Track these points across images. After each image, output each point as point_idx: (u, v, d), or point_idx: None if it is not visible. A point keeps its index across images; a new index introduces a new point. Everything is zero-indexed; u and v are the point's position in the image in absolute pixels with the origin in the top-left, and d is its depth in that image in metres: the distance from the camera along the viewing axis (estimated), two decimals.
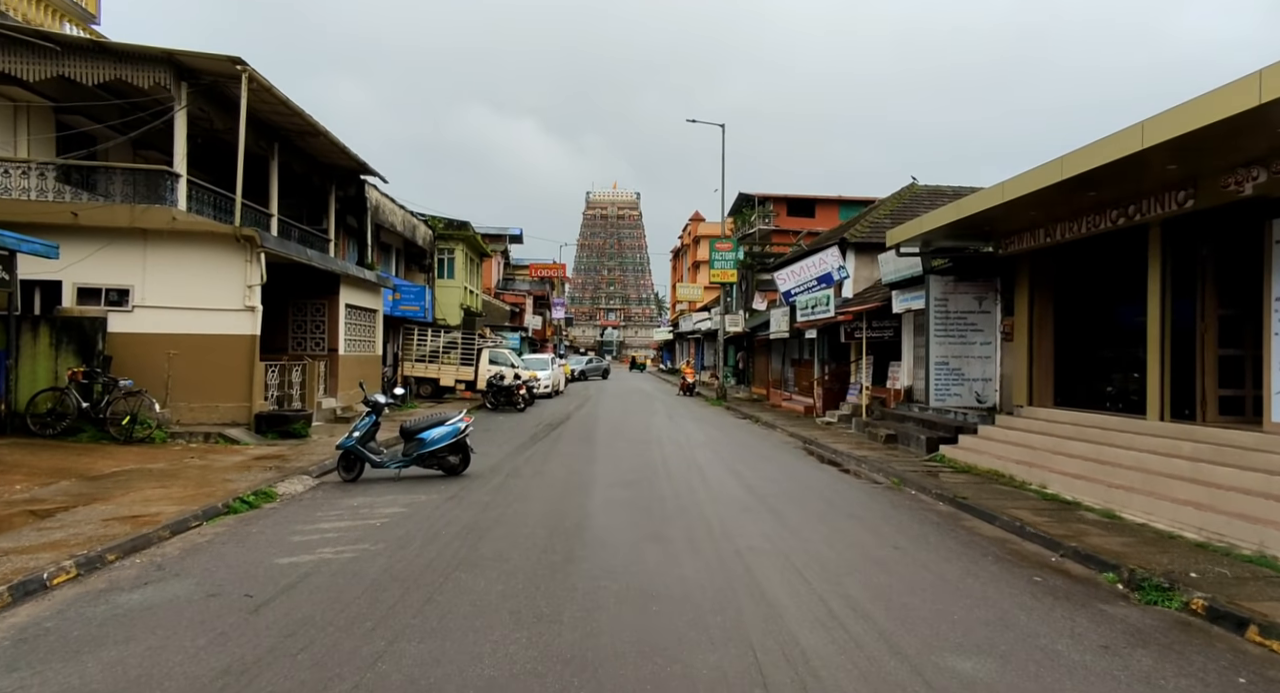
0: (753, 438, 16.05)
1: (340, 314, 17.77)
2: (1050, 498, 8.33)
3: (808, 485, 9.86)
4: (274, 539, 6.45)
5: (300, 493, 8.71)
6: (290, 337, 17.74)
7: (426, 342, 25.64)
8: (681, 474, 10.46)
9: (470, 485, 9.26)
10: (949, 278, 12.53)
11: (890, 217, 22.66)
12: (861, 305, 16.94)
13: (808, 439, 15.22)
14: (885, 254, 15.16)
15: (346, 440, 9.61)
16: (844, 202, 49.29)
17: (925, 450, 12.40)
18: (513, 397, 22.08)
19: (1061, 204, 9.11)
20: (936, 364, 12.44)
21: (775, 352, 27.88)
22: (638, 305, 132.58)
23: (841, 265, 19.97)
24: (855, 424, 16.52)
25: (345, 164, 19.30)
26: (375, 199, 22.16)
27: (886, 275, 15.21)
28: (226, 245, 12.90)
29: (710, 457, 12.49)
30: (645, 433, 16.21)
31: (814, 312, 18.58)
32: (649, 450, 13.13)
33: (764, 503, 8.46)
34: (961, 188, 24.59)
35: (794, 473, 10.99)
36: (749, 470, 11.00)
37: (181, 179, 12.84)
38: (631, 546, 6.37)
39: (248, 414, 13.02)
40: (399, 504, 8.05)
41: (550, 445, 13.60)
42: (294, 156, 17.71)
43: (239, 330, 13.11)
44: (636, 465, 11.23)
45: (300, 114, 14.95)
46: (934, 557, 6.23)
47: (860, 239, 21.37)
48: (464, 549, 6.16)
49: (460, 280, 29.81)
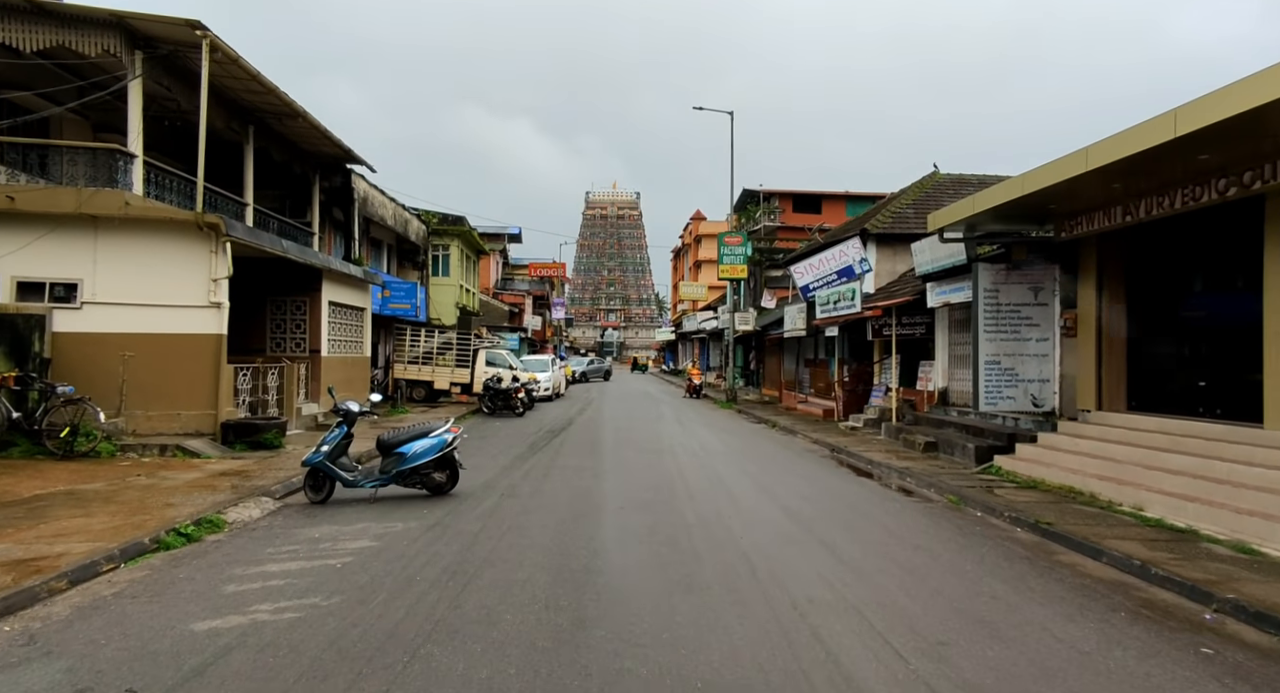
0: (773, 446, 14.65)
1: (323, 312, 16.38)
2: (1155, 524, 6.92)
3: (852, 505, 8.46)
4: (201, 590, 5.05)
5: (255, 520, 7.31)
6: (268, 337, 16.35)
7: (420, 342, 24.25)
8: (704, 492, 9.06)
9: (458, 509, 7.86)
10: (999, 266, 11.14)
11: (912, 206, 21.29)
12: (890, 299, 15.55)
13: (835, 447, 13.81)
14: (920, 243, 13.78)
15: (314, 456, 8.21)
16: (851, 197, 47.93)
17: (975, 461, 11.01)
18: (511, 400, 20.68)
19: (1155, 174, 7.72)
20: (987, 363, 11.04)
21: (788, 351, 26.48)
22: (638, 306, 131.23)
23: (864, 257, 18.59)
24: (886, 430, 15.12)
25: (329, 152, 17.92)
26: (363, 190, 20.78)
27: (921, 266, 13.82)
28: (188, 234, 11.51)
29: (732, 469, 11.09)
30: (655, 440, 14.81)
31: (836, 307, 17.19)
32: (662, 461, 11.73)
33: (809, 531, 7.06)
34: (987, 177, 23.22)
35: (831, 489, 9.59)
36: (780, 486, 9.60)
37: (137, 160, 11.45)
38: (658, 599, 4.97)
39: (213, 423, 11.63)
40: (369, 536, 6.65)
41: (551, 456, 12.20)
42: (272, 142, 16.32)
43: (203, 329, 11.72)
44: (650, 481, 9.83)
45: (274, 91, 13.56)
46: (1048, 612, 4.83)
47: (882, 230, 19.98)
48: (442, 606, 4.76)
49: (456, 278, 28.42)
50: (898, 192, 23.63)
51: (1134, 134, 6.85)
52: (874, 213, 21.73)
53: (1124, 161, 7.11)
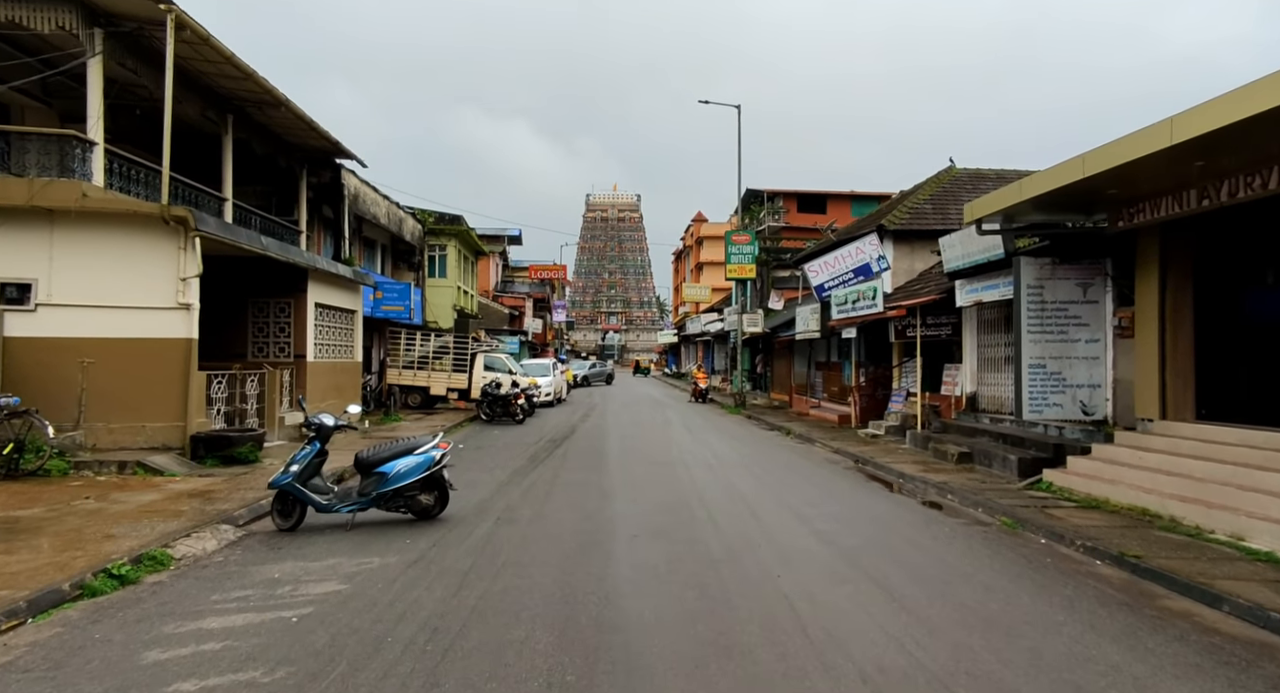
0: (792, 456, 13.61)
1: (309, 314, 15.37)
2: (1268, 559, 5.88)
3: (895, 530, 7.43)
4: (113, 660, 4.02)
5: (208, 554, 6.28)
6: (250, 341, 15.33)
7: (415, 346, 23.23)
8: (726, 513, 8.03)
9: (446, 538, 6.83)
10: (1044, 260, 10.12)
11: (930, 201, 20.32)
12: (914, 298, 14.53)
13: (859, 458, 12.78)
14: (950, 237, 12.77)
15: (281, 477, 7.19)
16: (856, 196, 46.92)
17: (1017, 474, 9.98)
18: (510, 407, 19.66)
19: (1253, 147, 6.70)
20: (1031, 367, 10.01)
21: (799, 354, 25.45)
22: (639, 308, 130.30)
23: (881, 255, 17.59)
24: (911, 438, 14.08)
25: (316, 145, 16.93)
26: (354, 187, 19.78)
27: (950, 262, 12.81)
28: (154, 230, 10.50)
29: (752, 484, 10.05)
30: (666, 450, 13.78)
31: (855, 307, 16.17)
32: (676, 476, 10.70)
33: (855, 565, 6.03)
34: (1005, 171, 22.25)
35: (868, 509, 8.55)
36: (809, 505, 8.56)
37: (97, 148, 10.45)
38: (690, 671, 3.94)
39: (181, 436, 10.61)
40: (338, 576, 5.62)
41: (554, 470, 11.17)
42: (254, 134, 15.34)
43: (171, 333, 10.70)
44: (665, 500, 8.80)
45: (252, 77, 12.57)
46: (1191, 691, 3.80)
47: (899, 226, 18.98)
48: (415, 684, 3.73)
49: (453, 279, 27.43)
50: (913, 187, 22.65)
51: (1240, 97, 5.84)
52: (890, 209, 20.74)
53: (1221, 133, 6.10)
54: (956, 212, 19.89)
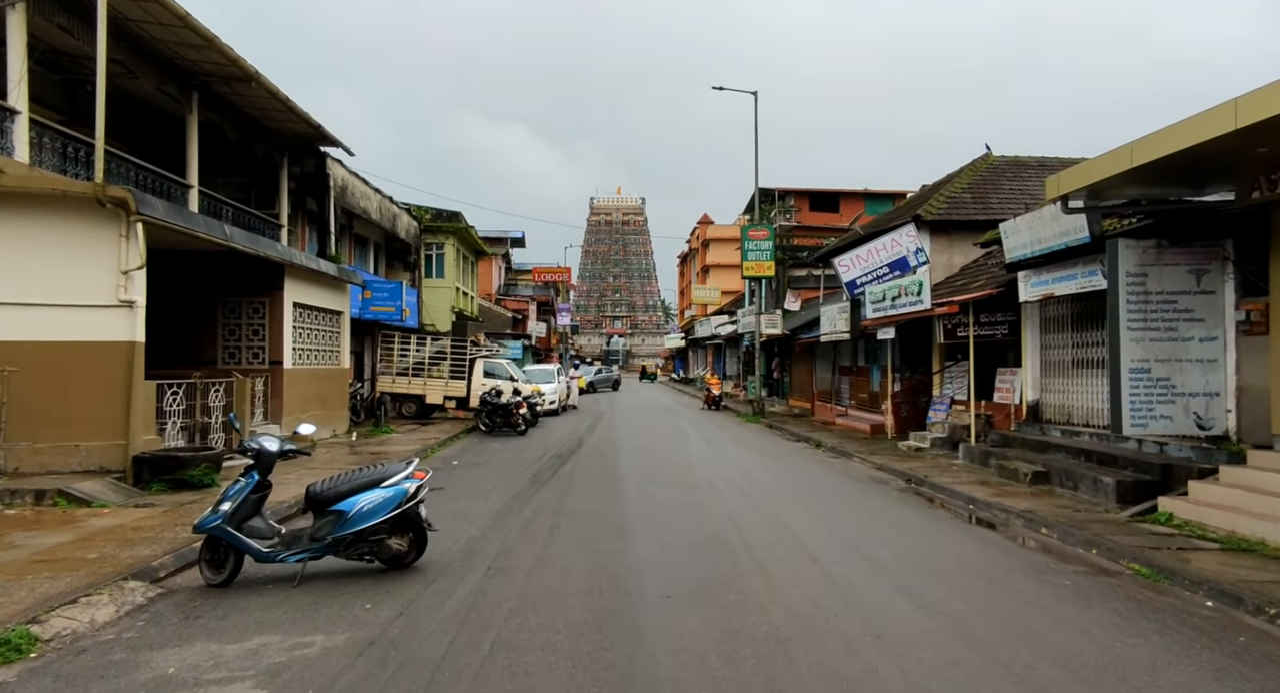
0: (831, 473, 11.93)
1: (286, 316, 13.77)
2: None
3: (1005, 586, 5.73)
4: None
5: (95, 630, 4.65)
6: (220, 346, 13.74)
7: (410, 351, 21.62)
8: (778, 559, 6.36)
9: (418, 602, 5.18)
10: (1147, 243, 8.45)
11: (967, 190, 18.65)
12: (968, 294, 12.84)
13: (910, 476, 11.10)
14: (1016, 221, 11.09)
15: (209, 518, 5.55)
16: (870, 195, 45.40)
17: (1116, 500, 8.29)
18: (511, 417, 18.02)
19: None
20: (1133, 371, 8.33)
21: (821, 357, 23.77)
22: (644, 313, 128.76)
23: (919, 248, 15.96)
24: (965, 452, 12.39)
25: (297, 130, 15.37)
26: (341, 178, 18.22)
27: (1014, 251, 11.14)
28: (89, 214, 8.91)
29: (799, 514, 8.37)
30: (687, 468, 12.11)
31: (895, 305, 14.50)
32: (703, 503, 9.03)
33: (978, 648, 4.36)
34: (1046, 158, 20.59)
35: (953, 551, 6.85)
36: (880, 547, 6.87)
37: (19, 118, 8.87)
38: None
39: (123, 456, 9.00)
40: (257, 672, 3.98)
41: (559, 495, 9.51)
42: (225, 116, 13.78)
43: (110, 335, 9.11)
44: (696, 538, 7.13)
45: (215, 45, 11.01)
46: None
47: (937, 216, 17.31)
48: None
49: (451, 280, 25.85)
50: (946, 177, 20.99)
51: None
52: (924, 199, 19.07)
53: None
54: (999, 201, 18.23)
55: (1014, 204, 17.95)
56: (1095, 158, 7.96)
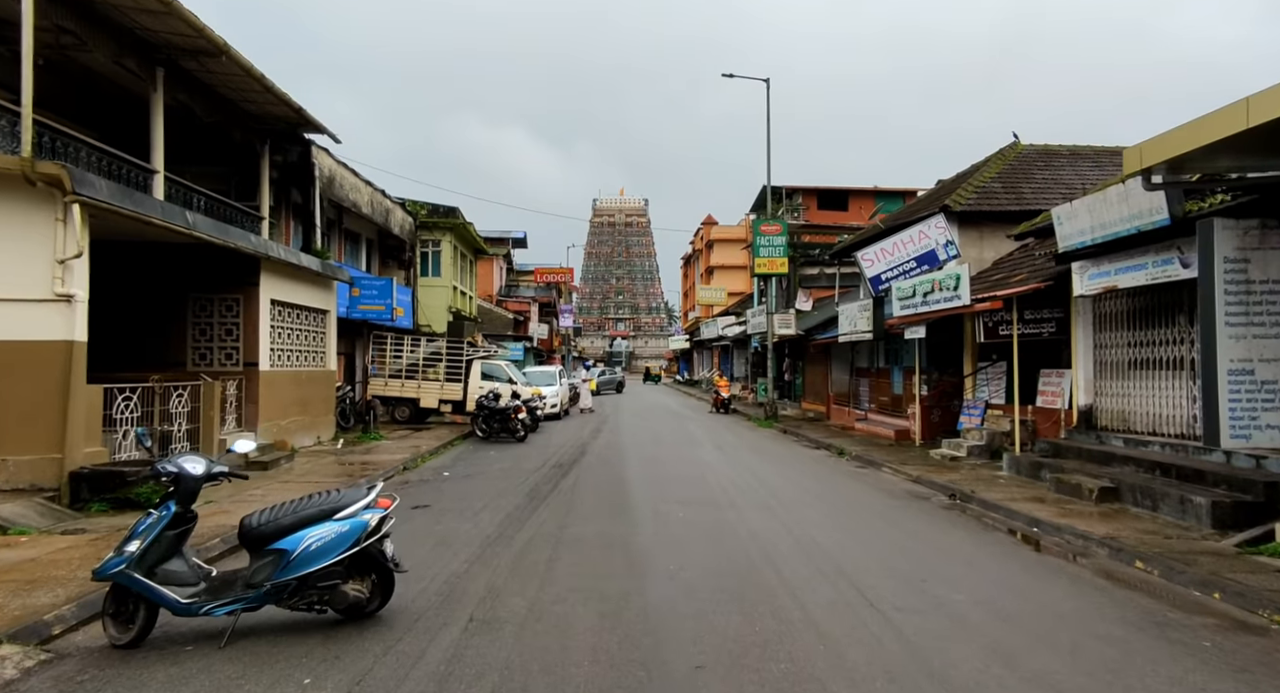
0: (862, 487, 10.72)
1: (262, 313, 12.62)
2: None
3: (1131, 652, 4.50)
4: None
5: None
6: (190, 346, 12.60)
7: (404, 353, 20.46)
8: (829, 606, 5.15)
9: (374, 676, 3.99)
10: (1248, 224, 7.23)
11: (997, 180, 17.46)
12: (1009, 288, 11.61)
13: (953, 491, 9.88)
14: (1074, 204, 9.88)
15: (113, 561, 4.37)
16: (880, 192, 44.17)
17: (1212, 524, 7.09)
18: (509, 422, 16.83)
19: None
20: (1232, 373, 7.11)
21: (837, 359, 22.55)
22: (647, 314, 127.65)
23: (950, 240, 14.77)
24: (1010, 463, 11.17)
25: (277, 113, 14.19)
26: (329, 168, 17.07)
27: (1069, 238, 9.93)
28: (15, 194, 7.77)
29: (842, 541, 7.16)
30: (701, 480, 10.91)
31: (927, 301, 13.29)
32: (725, 524, 7.83)
33: None
34: (1079, 147, 19.40)
35: (1038, 596, 5.61)
36: (950, 590, 5.65)
37: None
38: None
39: (58, 472, 7.83)
40: None
41: (559, 515, 8.32)
42: (196, 96, 12.62)
43: (44, 334, 7.95)
44: (723, 572, 5.93)
45: (174, 8, 9.83)
46: None
47: (966, 207, 16.10)
48: None
49: (448, 279, 24.70)
50: (971, 167, 19.78)
51: None
52: (949, 189, 17.86)
53: None
54: (1032, 191, 17.02)
55: (1049, 194, 16.75)
56: (1190, 122, 6.75)
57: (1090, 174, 17.68)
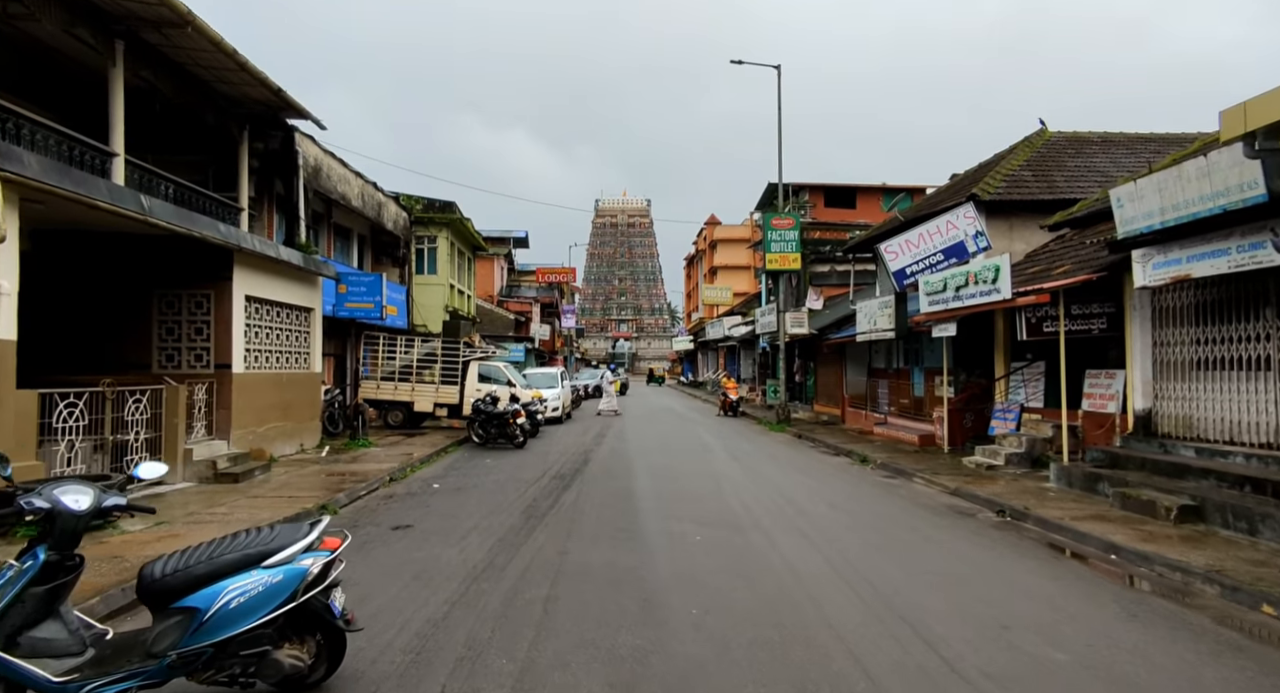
0: (900, 502, 9.62)
1: (235, 311, 11.57)
2: None
3: None
4: None
5: None
6: (155, 347, 11.53)
7: (397, 354, 19.42)
8: (898, 674, 4.05)
9: None
10: None
11: (1027, 167, 16.38)
12: (1054, 281, 10.50)
13: (1002, 507, 8.77)
14: (1137, 184, 8.78)
15: None
16: (887, 189, 43.12)
17: None
18: (507, 428, 15.76)
19: None
20: None
21: (853, 359, 21.45)
22: (650, 316, 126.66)
23: (980, 231, 13.70)
24: (1059, 475, 10.06)
25: (255, 96, 13.13)
26: (314, 157, 16.02)
27: (1131, 222, 8.83)
28: None
29: (897, 577, 6.06)
30: (718, 495, 9.81)
31: (959, 296, 12.19)
32: (756, 555, 6.74)
33: None
34: (1110, 134, 18.30)
35: (1168, 658, 4.46)
36: (1053, 648, 4.54)
37: None
38: None
39: None
40: None
41: (559, 540, 7.23)
42: (163, 74, 11.56)
43: None
44: (765, 628, 4.83)
45: None
46: None
47: (995, 196, 15.01)
48: None
49: (444, 276, 23.63)
50: (994, 156, 18.68)
51: None
52: (975, 178, 16.76)
53: None
54: (1065, 179, 15.92)
55: (1084, 181, 15.67)
56: None
57: (1126, 161, 16.58)
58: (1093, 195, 14.03)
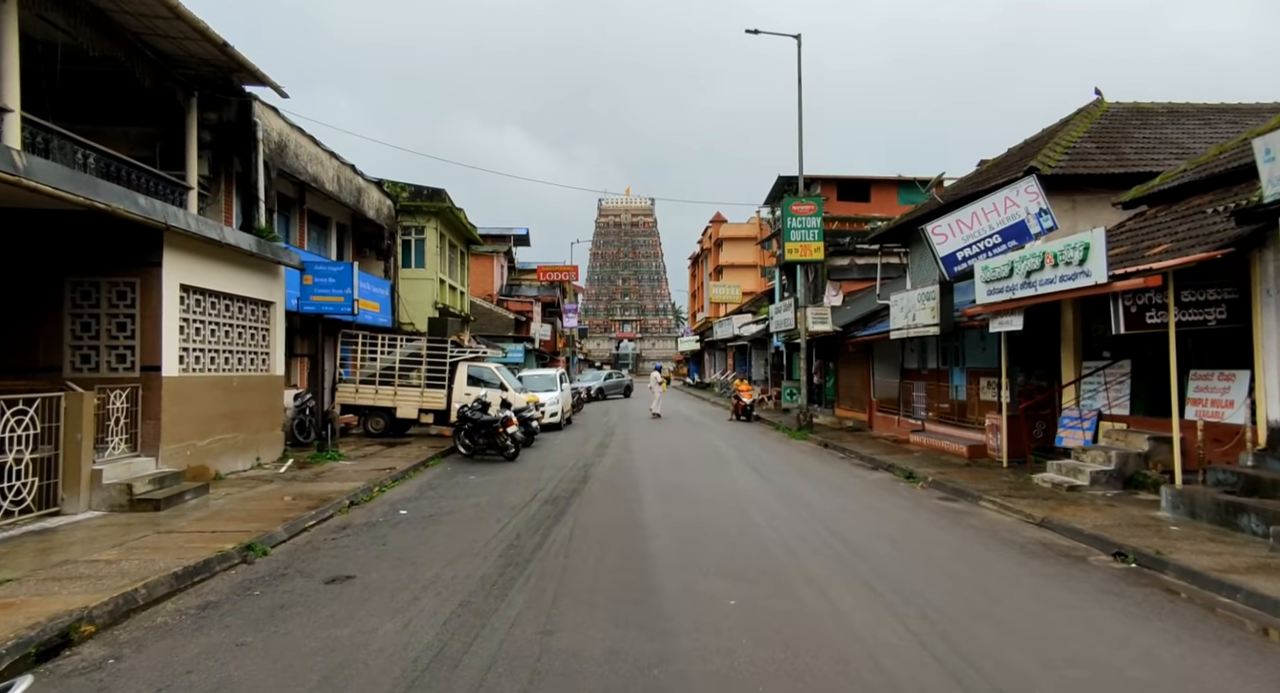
0: (977, 539, 7.63)
1: (166, 302, 9.67)
2: None
3: None
4: None
5: None
6: (68, 345, 9.63)
7: (379, 354, 17.50)
8: None
9: None
10: None
11: (1088, 138, 14.40)
12: (1173, 259, 8.49)
13: (1115, 545, 6.80)
14: None
15: None
16: (903, 182, 41.09)
17: None
18: (497, 437, 13.83)
19: None
20: None
21: (881, 359, 19.46)
22: (654, 316, 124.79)
23: (1044, 208, 11.85)
24: (1173, 500, 8.08)
25: (200, 53, 11.26)
26: (278, 132, 14.13)
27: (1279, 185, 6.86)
28: None
29: (1028, 672, 4.12)
30: (751, 531, 7.83)
31: (1030, 281, 10.20)
32: (812, 625, 4.79)
33: None
34: (1176, 104, 16.31)
35: None
36: None
37: None
38: None
39: None
40: None
41: (542, 607, 5.28)
42: (74, 17, 9.66)
43: None
44: None
45: None
46: None
47: (1057, 169, 13.04)
48: None
49: (433, 270, 21.75)
50: (1042, 131, 16.68)
51: None
52: (1030, 153, 14.75)
53: None
54: (1135, 152, 13.87)
55: (1158, 154, 13.69)
56: None
57: (1201, 132, 14.61)
58: (1176, 167, 12.06)
